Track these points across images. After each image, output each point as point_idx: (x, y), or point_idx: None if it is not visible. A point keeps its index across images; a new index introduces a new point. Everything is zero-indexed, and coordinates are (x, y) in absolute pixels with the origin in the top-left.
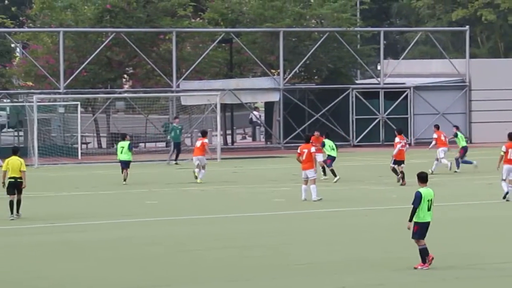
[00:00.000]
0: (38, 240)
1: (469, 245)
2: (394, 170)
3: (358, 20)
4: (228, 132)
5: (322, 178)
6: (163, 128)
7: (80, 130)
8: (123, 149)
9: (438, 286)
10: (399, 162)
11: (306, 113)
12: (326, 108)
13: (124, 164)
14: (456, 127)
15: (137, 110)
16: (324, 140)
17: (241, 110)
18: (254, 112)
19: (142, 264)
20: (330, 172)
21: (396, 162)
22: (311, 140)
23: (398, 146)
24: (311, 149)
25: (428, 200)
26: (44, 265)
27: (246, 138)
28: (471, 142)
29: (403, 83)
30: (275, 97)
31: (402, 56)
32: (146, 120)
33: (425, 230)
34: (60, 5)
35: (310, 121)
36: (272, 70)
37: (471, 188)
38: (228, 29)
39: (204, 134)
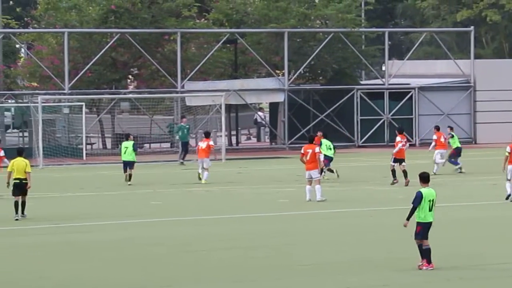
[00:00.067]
0: (42, 241)
1: (472, 246)
2: (393, 171)
3: (362, 21)
4: (233, 132)
5: (325, 178)
6: (168, 128)
7: (85, 130)
8: (127, 150)
9: (442, 287)
10: (399, 160)
11: (311, 113)
12: (331, 109)
13: (128, 165)
14: (451, 128)
15: (142, 111)
16: (322, 140)
17: (246, 111)
18: (259, 113)
19: (146, 265)
20: (330, 173)
21: (396, 160)
22: (315, 140)
23: (399, 145)
24: (315, 149)
25: (429, 200)
26: (48, 265)
27: (250, 138)
28: (475, 142)
29: (408, 84)
30: (279, 97)
31: (406, 57)
32: (151, 120)
33: (427, 230)
34: (65, 6)
35: (314, 122)
36: (276, 71)
37: (475, 188)
38: (232, 30)
39: (207, 135)
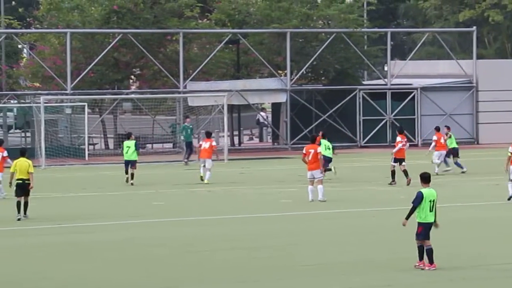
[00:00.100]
0: (44, 241)
1: (475, 246)
2: (393, 172)
3: (365, 21)
4: (235, 133)
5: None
6: (171, 129)
7: (87, 131)
8: (129, 149)
9: (445, 287)
10: (399, 160)
11: (313, 114)
12: (333, 109)
13: (130, 164)
14: (448, 128)
15: (144, 111)
16: (321, 140)
17: (248, 111)
18: (261, 113)
19: (148, 265)
20: (328, 172)
21: (397, 160)
22: (316, 140)
23: (399, 145)
24: (317, 149)
25: (430, 201)
26: (50, 266)
27: (253, 139)
28: (478, 143)
29: (410, 84)
30: (282, 98)
31: (409, 57)
32: (153, 121)
33: (428, 230)
34: (67, 6)
35: (317, 122)
36: (279, 71)
37: (477, 189)
38: (235, 30)
39: (209, 135)
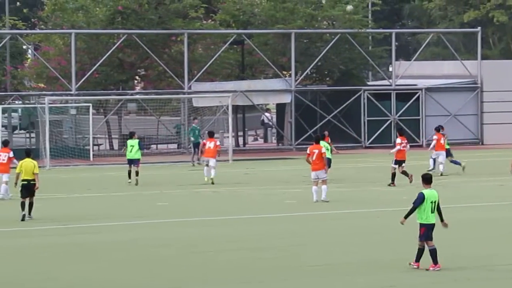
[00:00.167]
0: (49, 242)
1: (480, 247)
2: (393, 175)
3: (369, 22)
4: (239, 133)
5: None
6: (175, 129)
7: (92, 131)
8: (133, 148)
9: (449, 287)
10: (400, 162)
11: (317, 114)
12: (337, 110)
13: (134, 162)
14: (442, 127)
15: (148, 112)
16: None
17: (253, 112)
18: (266, 114)
19: (153, 266)
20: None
21: (398, 162)
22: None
23: (398, 147)
24: (321, 149)
25: (432, 202)
26: (55, 266)
27: (257, 139)
28: (482, 143)
29: (415, 85)
30: (286, 98)
31: (413, 58)
32: (158, 121)
33: (431, 231)
34: (72, 7)
35: (321, 123)
36: (283, 72)
37: (482, 189)
38: (239, 31)
39: (212, 134)
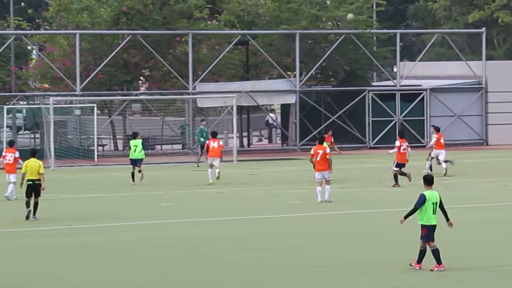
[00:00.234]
0: (54, 242)
1: (483, 247)
2: (395, 176)
3: (374, 22)
4: (244, 134)
5: None
6: (180, 130)
7: (97, 132)
8: (136, 148)
9: None
10: (400, 165)
11: (322, 115)
12: (342, 110)
13: (137, 162)
14: (434, 127)
15: (153, 112)
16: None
17: (258, 112)
18: (271, 114)
19: (158, 266)
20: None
21: (399, 165)
22: (326, 140)
23: (396, 150)
24: (326, 149)
25: (433, 203)
26: (60, 267)
27: (262, 140)
28: (487, 144)
29: (420, 85)
30: (291, 99)
31: (418, 58)
32: (163, 122)
33: (432, 232)
34: (77, 7)
35: (326, 123)
36: (288, 72)
37: (486, 190)
38: (244, 31)
39: (215, 134)
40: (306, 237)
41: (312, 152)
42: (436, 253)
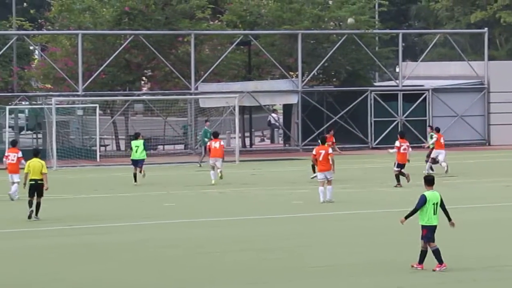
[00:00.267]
0: (56, 242)
1: (485, 248)
2: (397, 176)
3: (376, 22)
4: (246, 134)
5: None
6: (183, 130)
7: (99, 132)
8: (138, 148)
9: None
10: (401, 165)
11: (324, 115)
12: (344, 110)
13: (139, 163)
14: (431, 128)
15: (155, 113)
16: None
17: (260, 113)
18: (273, 115)
19: (160, 267)
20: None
21: (400, 165)
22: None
23: (394, 150)
24: (328, 150)
25: (434, 204)
26: (62, 267)
27: (264, 140)
28: (489, 144)
29: (422, 85)
30: (293, 99)
31: (420, 58)
32: (165, 122)
33: (433, 233)
34: (79, 8)
35: (328, 124)
36: (290, 72)
37: (488, 190)
38: (246, 32)
39: (216, 135)
40: (308, 237)
41: (314, 152)
42: (436, 253)
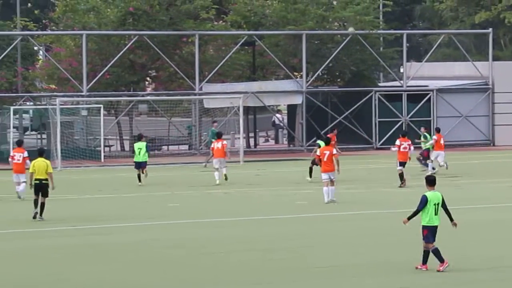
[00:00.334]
0: (60, 243)
1: (489, 248)
2: (400, 175)
3: (381, 23)
4: (251, 134)
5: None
6: (187, 130)
7: (103, 132)
8: (140, 151)
9: None
10: (401, 163)
11: (329, 115)
12: (349, 111)
13: (142, 165)
14: (425, 128)
15: (159, 113)
16: (318, 142)
17: (264, 113)
18: (277, 115)
19: (164, 267)
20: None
21: (402, 163)
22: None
23: (393, 149)
24: (332, 150)
25: (435, 204)
26: (66, 267)
27: (268, 140)
28: (494, 144)
29: (426, 86)
30: (298, 99)
31: (425, 59)
32: (169, 122)
33: (434, 233)
34: (83, 8)
35: (333, 124)
36: (295, 73)
37: (492, 191)
38: (251, 32)
39: (220, 135)
40: (312, 238)
41: (318, 153)
42: (436, 253)
